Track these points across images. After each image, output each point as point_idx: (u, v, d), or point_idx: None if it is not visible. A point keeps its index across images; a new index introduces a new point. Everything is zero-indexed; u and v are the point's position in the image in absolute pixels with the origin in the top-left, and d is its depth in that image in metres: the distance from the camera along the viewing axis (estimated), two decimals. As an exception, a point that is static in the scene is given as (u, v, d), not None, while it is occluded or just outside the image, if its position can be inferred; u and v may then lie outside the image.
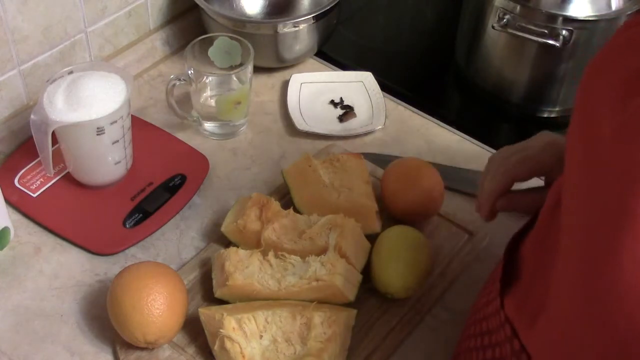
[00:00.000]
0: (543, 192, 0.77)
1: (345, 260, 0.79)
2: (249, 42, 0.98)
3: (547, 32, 0.99)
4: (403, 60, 1.23)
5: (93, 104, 0.83)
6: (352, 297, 0.79)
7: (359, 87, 1.09)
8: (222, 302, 0.79)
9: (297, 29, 1.06)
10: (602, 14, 0.98)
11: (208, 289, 0.81)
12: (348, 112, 1.05)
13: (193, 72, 0.95)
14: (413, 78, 1.19)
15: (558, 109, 1.09)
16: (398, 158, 0.93)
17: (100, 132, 0.85)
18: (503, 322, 0.60)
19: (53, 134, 0.85)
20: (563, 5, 0.98)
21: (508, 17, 1.01)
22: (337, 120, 1.05)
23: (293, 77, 1.09)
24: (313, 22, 1.07)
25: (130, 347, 0.76)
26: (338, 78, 1.10)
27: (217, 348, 0.73)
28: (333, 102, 1.07)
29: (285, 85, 1.08)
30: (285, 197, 0.91)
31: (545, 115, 1.10)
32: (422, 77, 1.21)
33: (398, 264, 0.79)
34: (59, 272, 0.84)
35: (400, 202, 0.87)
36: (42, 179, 0.91)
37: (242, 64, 0.98)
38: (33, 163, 0.92)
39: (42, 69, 0.95)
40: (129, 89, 0.86)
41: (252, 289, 0.78)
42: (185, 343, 0.77)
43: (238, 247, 0.83)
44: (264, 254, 0.81)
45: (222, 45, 0.99)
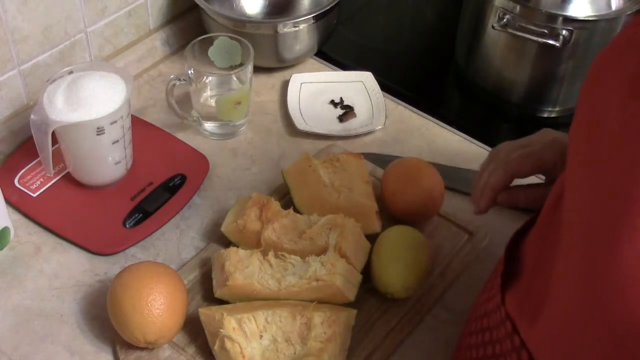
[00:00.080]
0: (543, 188, 0.78)
1: (345, 260, 0.79)
2: (249, 42, 0.98)
3: (547, 32, 0.99)
4: (403, 60, 1.23)
5: (93, 104, 0.83)
6: (352, 297, 0.79)
7: (359, 87, 1.09)
8: (222, 302, 0.79)
9: (297, 29, 1.06)
10: (602, 14, 0.98)
11: (208, 289, 0.81)
12: (348, 112, 1.05)
13: (193, 72, 0.95)
14: (413, 78, 1.19)
15: (558, 109, 1.09)
16: (398, 158, 0.93)
17: (100, 132, 0.85)
18: (504, 318, 0.60)
19: (53, 134, 0.85)
20: (563, 5, 0.98)
21: (508, 17, 1.01)
22: (337, 120, 1.05)
23: (293, 77, 1.09)
24: (313, 22, 1.07)
25: (130, 347, 0.76)
26: (338, 78, 1.10)
27: (217, 348, 0.73)
28: (333, 102, 1.07)
29: (285, 85, 1.08)
30: (285, 197, 0.91)
31: (545, 115, 1.10)
32: (422, 77, 1.21)
33: (398, 264, 0.79)
34: (59, 272, 0.84)
35: (400, 202, 0.87)
36: (42, 179, 0.91)
37: (242, 64, 0.98)
38: (33, 163, 0.92)
39: (42, 69, 0.95)
40: (129, 89, 0.86)
41: (252, 289, 0.78)
42: (185, 343, 0.77)
43: (238, 247, 0.83)
44: (264, 254, 0.81)
45: (222, 45, 0.99)
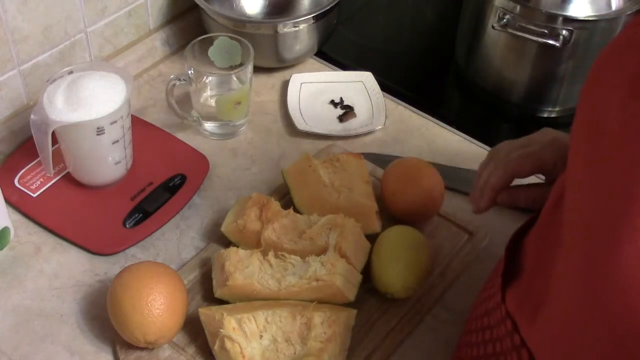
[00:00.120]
0: (544, 188, 0.77)
1: (345, 260, 0.79)
2: (249, 42, 0.98)
3: (547, 32, 0.99)
4: (403, 60, 1.23)
5: (93, 104, 0.83)
6: (352, 297, 0.79)
7: (359, 87, 1.09)
8: (222, 302, 0.79)
9: (297, 29, 1.06)
10: (602, 14, 0.98)
11: (208, 289, 0.81)
12: (348, 112, 1.05)
13: (193, 72, 0.95)
14: (413, 78, 1.19)
15: (558, 109, 1.09)
16: (398, 158, 0.93)
17: (100, 132, 0.85)
18: (504, 316, 0.60)
19: (53, 134, 0.85)
20: (563, 5, 0.98)
21: (508, 17, 1.01)
22: (337, 120, 1.05)
23: (293, 77, 1.09)
24: (313, 22, 1.07)
25: (130, 347, 0.76)
26: (338, 78, 1.10)
27: (217, 348, 0.73)
28: (333, 102, 1.07)
29: (285, 85, 1.08)
30: (285, 197, 0.91)
31: (545, 115, 1.10)
32: (422, 77, 1.21)
33: (398, 264, 0.79)
34: (59, 272, 0.84)
35: (400, 202, 0.87)
36: (42, 179, 0.91)
37: (242, 64, 0.98)
38: (33, 163, 0.92)
39: (42, 69, 0.95)
40: (129, 89, 0.86)
41: (252, 289, 0.78)
42: (185, 343, 0.77)
43: (238, 247, 0.83)
44: (264, 254, 0.81)
45: (222, 45, 0.99)
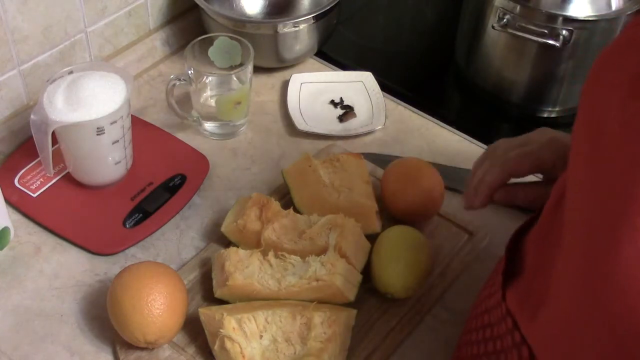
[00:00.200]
0: (542, 187, 0.77)
1: (345, 260, 0.79)
2: (249, 42, 0.98)
3: (547, 32, 0.99)
4: (403, 60, 1.23)
5: (93, 104, 0.83)
6: (352, 297, 0.79)
7: (359, 87, 1.09)
8: (222, 302, 0.79)
9: (297, 29, 1.06)
10: (602, 14, 0.98)
11: (208, 289, 0.81)
12: (348, 112, 1.05)
13: (193, 72, 0.95)
14: (413, 78, 1.19)
15: (558, 109, 1.09)
16: (398, 158, 0.93)
17: (100, 132, 0.85)
18: (504, 314, 0.60)
19: (53, 134, 0.85)
20: (563, 5, 0.98)
21: (508, 17, 1.01)
22: (337, 120, 1.05)
23: (293, 77, 1.09)
24: (313, 22, 1.07)
25: (130, 347, 0.76)
26: (338, 78, 1.10)
27: (217, 348, 0.73)
28: (333, 102, 1.07)
29: (285, 85, 1.08)
30: (285, 197, 0.91)
31: (545, 115, 1.10)
32: (422, 77, 1.21)
33: (398, 264, 0.79)
34: (59, 272, 0.84)
35: (400, 202, 0.87)
36: (42, 179, 0.91)
37: (242, 64, 0.98)
38: (33, 163, 0.92)
39: (42, 69, 0.95)
40: (129, 89, 0.86)
41: (252, 289, 0.78)
42: (185, 343, 0.77)
43: (238, 247, 0.83)
44: (264, 254, 0.81)
45: (222, 45, 0.99)
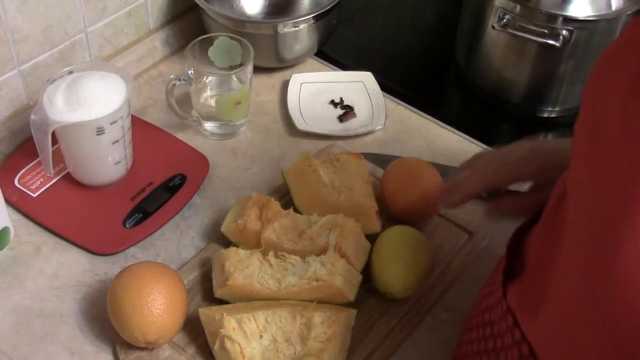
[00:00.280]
0: (531, 195, 0.76)
1: (345, 260, 0.79)
2: (249, 42, 0.98)
3: (547, 32, 0.99)
4: (403, 60, 1.23)
5: (93, 104, 0.83)
6: (352, 297, 0.79)
7: (359, 87, 1.09)
8: (222, 302, 0.79)
9: (297, 29, 1.06)
10: (602, 14, 0.98)
11: (208, 289, 0.81)
12: (348, 112, 1.05)
13: (193, 72, 0.95)
14: (413, 78, 1.19)
15: (558, 109, 1.09)
16: (398, 158, 0.93)
17: (100, 132, 0.85)
18: (505, 312, 0.60)
19: (53, 134, 0.85)
20: (563, 5, 0.98)
21: (508, 17, 1.01)
22: (337, 120, 1.05)
23: (293, 77, 1.09)
24: (313, 22, 1.07)
25: (130, 347, 0.76)
26: (338, 78, 1.10)
27: (217, 348, 0.73)
28: (333, 102, 1.07)
29: (285, 85, 1.08)
30: (285, 197, 0.91)
31: (545, 115, 1.10)
32: (422, 77, 1.21)
33: (398, 264, 0.79)
34: (59, 272, 0.84)
35: (400, 202, 0.87)
36: (42, 179, 0.91)
37: (242, 64, 0.98)
38: (33, 163, 0.92)
39: (42, 69, 0.95)
40: (129, 89, 0.86)
41: (252, 289, 0.78)
42: (185, 343, 0.77)
43: (238, 247, 0.83)
44: (264, 254, 0.81)
45: (222, 45, 0.99)
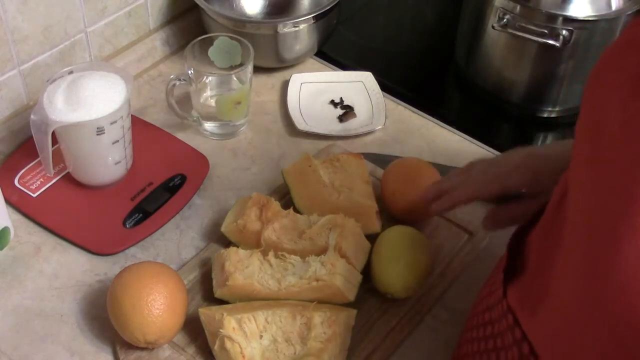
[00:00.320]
0: (525, 203, 0.76)
1: (345, 260, 0.79)
2: (249, 42, 0.98)
3: (547, 32, 0.99)
4: (403, 60, 1.23)
5: (93, 104, 0.83)
6: (352, 297, 0.79)
7: (359, 87, 1.09)
8: (222, 302, 0.79)
9: (297, 29, 1.06)
10: (602, 14, 0.98)
11: (208, 289, 0.81)
12: (348, 112, 1.05)
13: (193, 72, 0.95)
14: (413, 78, 1.19)
15: (558, 109, 1.09)
16: (398, 158, 0.93)
17: (100, 132, 0.85)
18: (505, 311, 0.60)
19: (53, 134, 0.85)
20: (563, 5, 0.98)
21: (508, 17, 1.01)
22: (337, 120, 1.05)
23: (293, 77, 1.09)
24: (313, 22, 1.07)
25: (130, 347, 0.76)
26: (338, 78, 1.10)
27: (217, 348, 0.73)
28: (333, 102, 1.07)
29: (285, 85, 1.08)
30: (285, 197, 0.91)
31: (545, 115, 1.10)
32: (422, 77, 1.21)
33: (398, 264, 0.79)
34: (59, 272, 0.84)
35: (400, 202, 0.87)
36: (42, 179, 0.91)
37: (242, 64, 0.98)
38: (33, 163, 0.92)
39: (42, 69, 0.95)
40: (129, 89, 0.86)
41: (252, 289, 0.78)
42: (185, 343, 0.77)
43: (238, 247, 0.83)
44: (264, 254, 0.81)
45: (222, 45, 0.99)
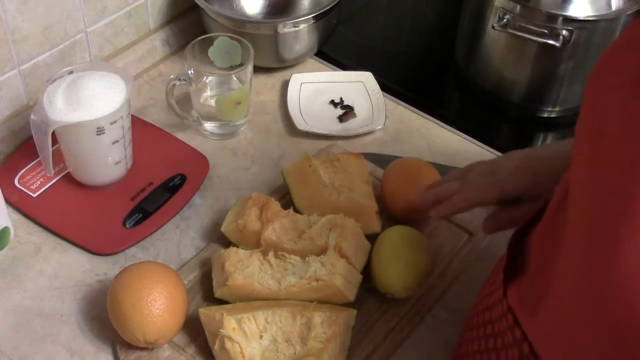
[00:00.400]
0: (524, 205, 0.76)
1: (345, 260, 0.79)
2: (249, 42, 0.98)
3: (547, 32, 0.99)
4: (403, 60, 1.23)
5: (93, 104, 0.83)
6: (352, 297, 0.79)
7: (359, 87, 1.09)
8: (222, 302, 0.79)
9: (297, 29, 1.06)
10: (602, 14, 0.98)
11: (208, 289, 0.81)
12: (348, 112, 1.05)
13: (193, 72, 0.95)
14: (413, 78, 1.19)
15: (558, 109, 1.09)
16: (398, 158, 0.93)
17: (100, 132, 0.85)
18: (505, 311, 0.60)
19: (53, 134, 0.85)
20: (563, 5, 0.98)
21: (508, 17, 1.01)
22: (337, 120, 1.05)
23: (293, 77, 1.09)
24: (313, 22, 1.07)
25: (130, 347, 0.76)
26: (338, 78, 1.10)
27: (217, 348, 0.73)
28: (333, 102, 1.07)
29: (285, 85, 1.08)
30: (285, 197, 0.91)
31: (545, 115, 1.10)
32: (422, 77, 1.21)
33: (398, 264, 0.79)
34: (59, 272, 0.84)
35: (400, 202, 0.87)
36: (42, 179, 0.91)
37: (242, 64, 0.98)
38: (33, 163, 0.92)
39: (42, 69, 0.95)
40: (129, 89, 0.86)
41: (252, 289, 0.78)
42: (185, 343, 0.77)
43: (238, 247, 0.83)
44: (264, 254, 0.81)
45: (222, 45, 0.99)
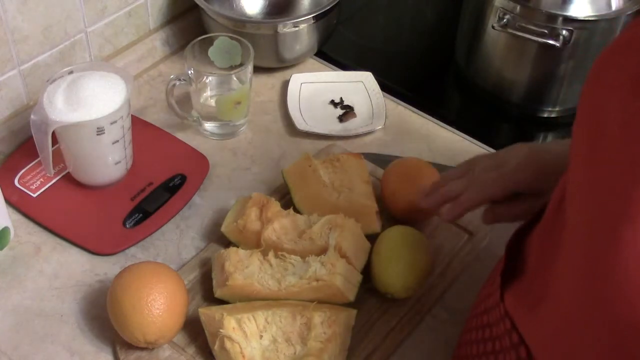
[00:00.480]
0: (526, 201, 0.76)
1: (345, 260, 0.79)
2: (249, 42, 0.98)
3: (547, 32, 0.99)
4: (403, 60, 1.23)
5: (93, 104, 0.83)
6: (352, 297, 0.79)
7: (359, 87, 1.09)
8: (222, 302, 0.79)
9: (297, 29, 1.06)
10: (602, 14, 0.98)
11: (208, 289, 0.81)
12: (348, 112, 1.05)
13: (193, 72, 0.95)
14: (413, 78, 1.19)
15: (558, 109, 1.09)
16: (398, 158, 0.93)
17: (100, 132, 0.85)
18: (503, 315, 0.60)
19: (53, 134, 0.85)
20: (563, 5, 0.98)
21: (508, 17, 1.01)
22: (337, 120, 1.05)
23: (293, 77, 1.09)
24: (313, 22, 1.07)
25: (130, 347, 0.76)
26: (338, 78, 1.10)
27: (217, 348, 0.73)
28: (333, 102, 1.07)
29: (285, 85, 1.08)
30: (285, 197, 0.91)
31: (545, 115, 1.10)
32: (422, 77, 1.21)
33: (398, 264, 0.79)
34: (59, 272, 0.84)
35: (400, 202, 0.87)
36: (42, 179, 0.91)
37: (242, 64, 0.98)
38: (33, 163, 0.92)
39: (42, 69, 0.95)
40: (129, 89, 0.86)
41: (252, 289, 0.78)
42: (185, 343, 0.77)
43: (238, 247, 0.83)
44: (264, 254, 0.81)
45: (222, 45, 0.99)
